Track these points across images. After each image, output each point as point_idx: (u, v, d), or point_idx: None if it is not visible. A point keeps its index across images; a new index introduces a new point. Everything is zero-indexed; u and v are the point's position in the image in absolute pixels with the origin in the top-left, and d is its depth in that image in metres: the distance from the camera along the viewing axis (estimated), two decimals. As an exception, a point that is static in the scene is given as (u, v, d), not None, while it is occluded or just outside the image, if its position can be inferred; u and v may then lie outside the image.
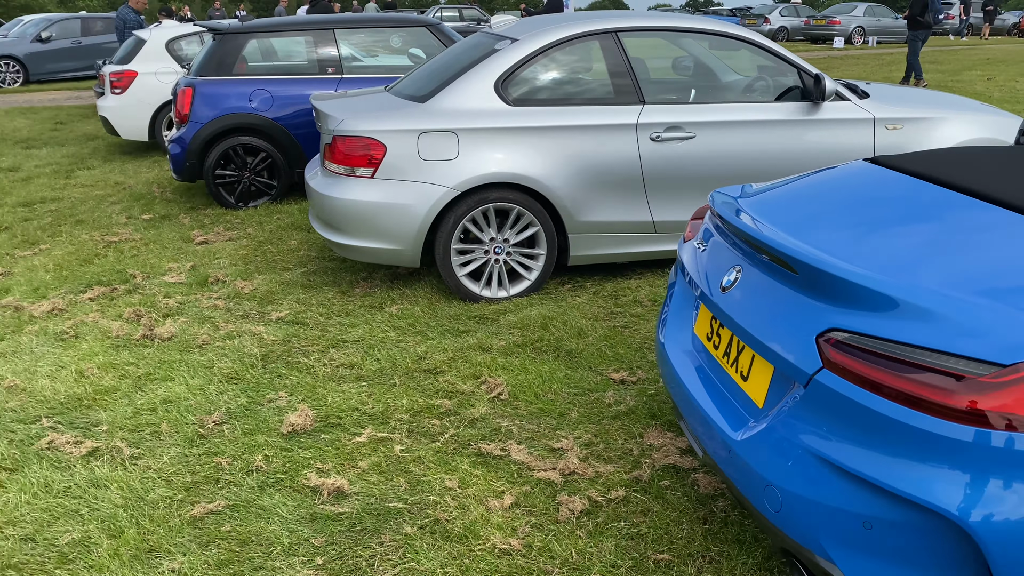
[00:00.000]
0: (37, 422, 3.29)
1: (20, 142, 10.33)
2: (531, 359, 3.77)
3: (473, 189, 4.36)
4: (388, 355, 3.87)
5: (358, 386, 3.57)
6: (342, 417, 3.30)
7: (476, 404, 3.38)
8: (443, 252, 4.42)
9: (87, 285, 4.96)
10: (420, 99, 4.53)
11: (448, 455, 3.01)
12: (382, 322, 4.28)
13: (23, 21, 19.98)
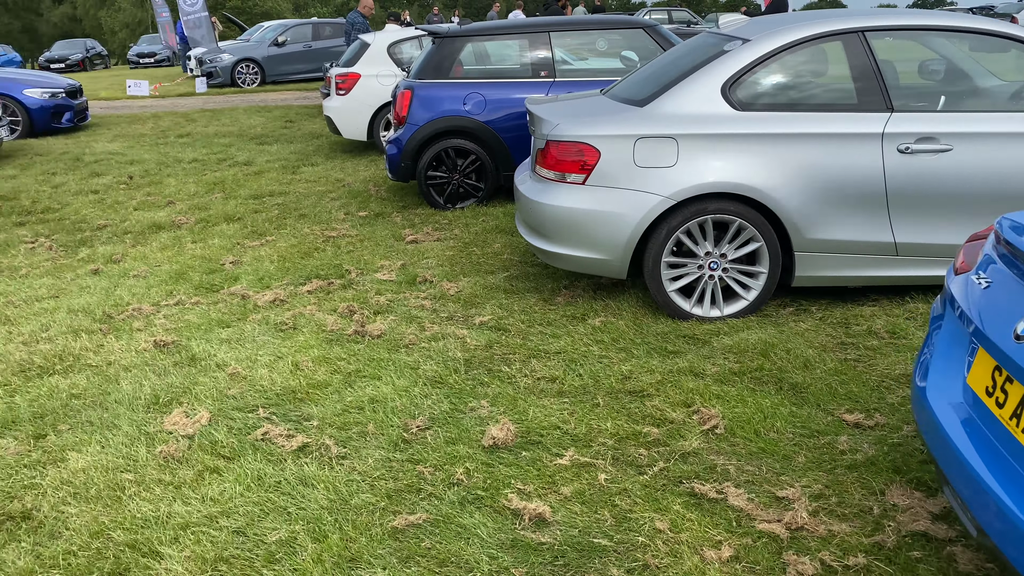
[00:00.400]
0: (254, 412, 3.40)
1: (255, 138, 11.19)
2: (749, 390, 3.44)
3: (691, 199, 4.08)
4: (591, 371, 3.68)
5: (559, 402, 3.41)
6: (543, 435, 3.15)
7: (687, 436, 3.11)
8: (653, 265, 4.17)
9: (306, 278, 5.18)
10: (638, 103, 4.31)
11: (657, 491, 2.77)
12: (584, 335, 4.10)
13: (263, 27, 21.85)
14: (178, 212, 7.10)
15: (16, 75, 12.54)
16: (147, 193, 7.99)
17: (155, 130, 12.45)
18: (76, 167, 9.48)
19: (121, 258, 5.76)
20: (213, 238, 6.21)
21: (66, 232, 6.60)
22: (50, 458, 3.07)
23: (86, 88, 20.09)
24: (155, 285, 5.12)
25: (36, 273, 5.48)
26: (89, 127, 13.08)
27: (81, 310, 4.69)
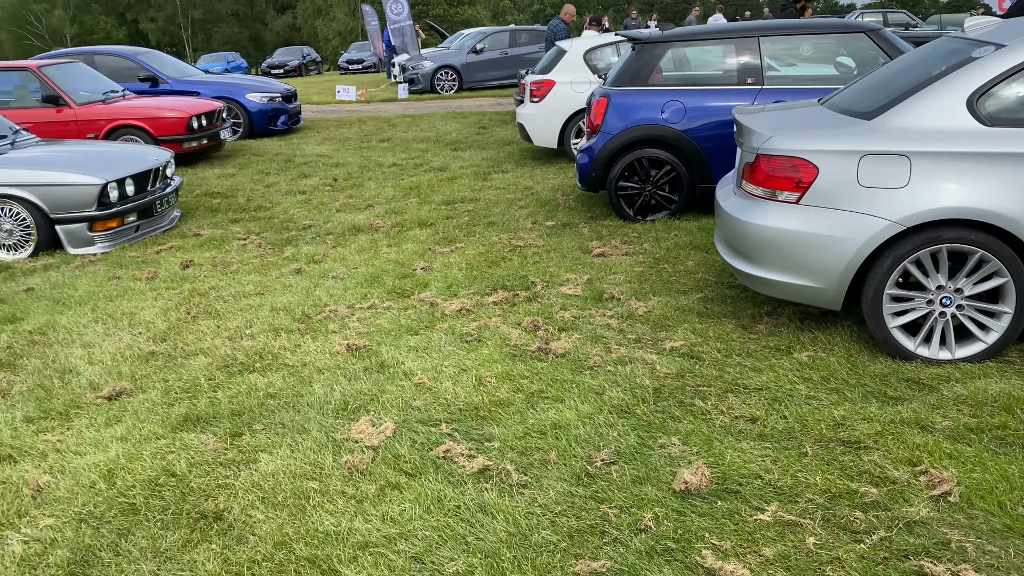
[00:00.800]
0: (437, 426, 3.34)
1: (450, 144, 11.45)
2: (991, 451, 2.95)
3: (923, 225, 3.60)
4: (797, 413, 3.32)
5: (761, 447, 3.08)
6: (742, 484, 2.85)
7: (914, 501, 2.69)
8: (873, 296, 3.72)
9: (492, 288, 5.12)
10: (865, 115, 3.86)
11: (877, 565, 2.40)
12: (790, 370, 3.72)
13: (463, 35, 22.51)
14: (376, 215, 7.33)
15: (240, 81, 13.63)
16: (349, 195, 8.33)
17: (359, 134, 13.08)
18: (287, 168, 10.10)
19: (322, 259, 5.99)
20: (407, 243, 6.33)
21: (274, 231, 6.99)
22: (244, 458, 3.16)
23: (300, 93, 21.59)
24: (351, 287, 5.26)
25: (245, 269, 5.81)
26: (301, 130, 13.97)
27: (283, 309, 4.88)
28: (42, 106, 9.91)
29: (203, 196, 8.60)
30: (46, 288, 5.52)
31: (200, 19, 70.30)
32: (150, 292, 5.34)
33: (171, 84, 12.64)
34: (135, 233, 6.89)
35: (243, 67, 39.40)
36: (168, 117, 10.12)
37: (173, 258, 6.18)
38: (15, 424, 3.49)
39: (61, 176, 6.36)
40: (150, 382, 3.90)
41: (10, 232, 6.43)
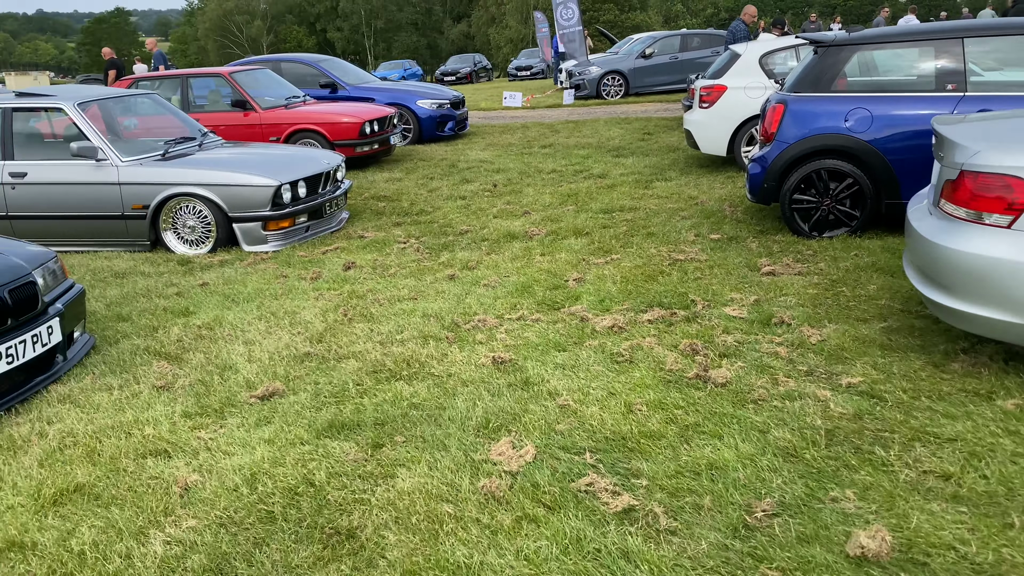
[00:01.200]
0: (581, 455, 3.13)
1: (612, 150, 11.21)
2: None
3: None
4: (1001, 473, 2.84)
5: (955, 511, 2.65)
6: (931, 555, 2.44)
7: None
8: (1103, 341, 3.15)
9: (648, 304, 4.85)
10: (1101, 127, 3.29)
11: None
12: (991, 420, 3.22)
13: (632, 40, 22.16)
14: (532, 223, 7.22)
15: (412, 87, 14.03)
16: (507, 202, 8.29)
17: (522, 140, 13.09)
18: (450, 173, 10.22)
19: (476, 265, 5.93)
20: (561, 252, 6.16)
21: (433, 235, 7.03)
22: (382, 472, 3.08)
23: (469, 99, 22.05)
24: (502, 297, 5.15)
25: (402, 273, 5.85)
26: (467, 135, 14.18)
27: (434, 315, 4.84)
28: (231, 110, 10.57)
29: (371, 199, 8.84)
30: (219, 284, 5.79)
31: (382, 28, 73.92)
32: (312, 292, 5.47)
33: (349, 90, 13.18)
34: (305, 233, 7.14)
35: (418, 74, 40.91)
36: (343, 122, 10.52)
37: (337, 259, 6.34)
38: (174, 419, 3.61)
39: (239, 177, 6.68)
40: (302, 384, 3.94)
41: (193, 228, 6.83)
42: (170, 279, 6.00)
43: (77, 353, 4.37)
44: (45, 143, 7.06)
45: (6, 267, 3.95)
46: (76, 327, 4.44)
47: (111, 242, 6.98)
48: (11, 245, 4.31)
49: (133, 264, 6.46)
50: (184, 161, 6.96)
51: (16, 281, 3.90)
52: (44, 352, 3.97)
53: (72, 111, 6.87)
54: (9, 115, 6.98)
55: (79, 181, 6.80)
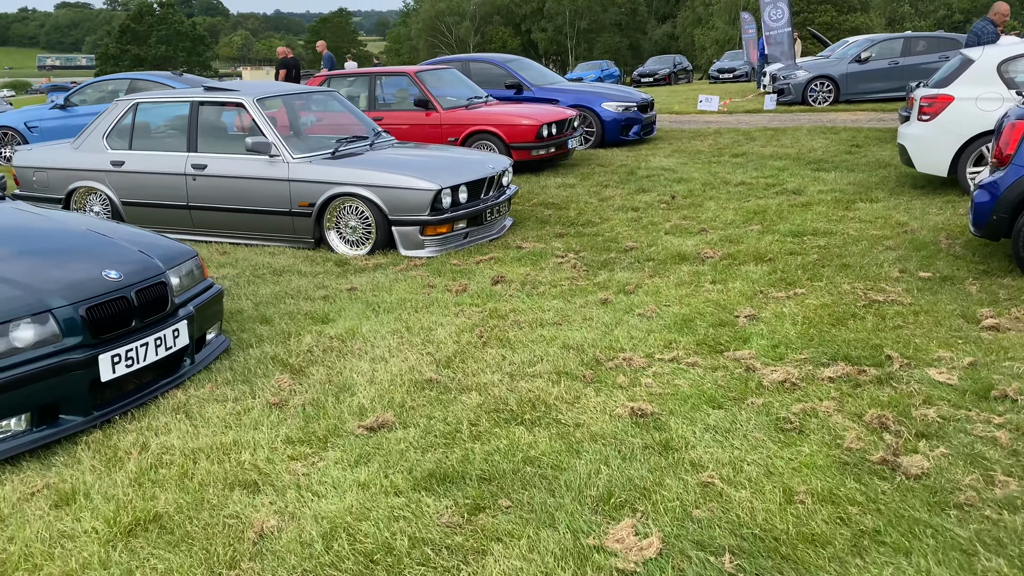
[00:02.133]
0: (718, 557, 2.51)
1: (811, 163, 10.13)
2: None
3: None
4: None
5: None
6: None
7: None
8: None
9: (831, 357, 4.06)
10: None
11: None
12: None
13: (847, 43, 20.38)
14: (707, 242, 6.51)
15: (599, 89, 13.52)
16: (683, 216, 7.59)
17: (712, 147, 12.23)
18: (627, 181, 9.63)
19: (634, 289, 5.34)
20: (735, 280, 5.44)
21: (595, 250, 6.50)
22: (474, 546, 2.62)
23: (663, 102, 21.23)
24: (656, 330, 4.55)
25: (551, 293, 5.37)
26: (653, 140, 13.49)
27: (575, 347, 4.32)
28: (414, 109, 10.58)
29: (538, 206, 8.45)
30: (366, 289, 5.60)
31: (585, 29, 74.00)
32: (454, 307, 5.13)
33: (534, 91, 12.90)
34: (463, 240, 6.86)
35: (615, 75, 40.36)
36: (521, 124, 10.22)
37: (488, 271, 5.97)
38: (275, 443, 3.35)
39: (401, 179, 6.49)
40: (415, 416, 3.57)
41: (354, 229, 6.74)
42: (322, 280, 5.89)
43: (208, 356, 4.27)
44: (226, 137, 7.24)
45: (140, 266, 3.88)
46: (210, 329, 4.35)
47: (278, 238, 7.04)
48: (155, 243, 4.27)
49: (293, 262, 6.45)
50: (351, 160, 6.88)
51: (146, 281, 3.81)
52: (167, 356, 3.87)
53: (251, 107, 6.99)
54: (196, 108, 7.23)
55: (252, 176, 6.90)
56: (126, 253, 3.96)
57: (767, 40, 21.54)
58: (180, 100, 7.35)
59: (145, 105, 7.57)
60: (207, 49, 77.41)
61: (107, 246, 3.99)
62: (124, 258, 3.90)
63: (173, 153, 7.25)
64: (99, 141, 7.57)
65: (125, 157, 7.41)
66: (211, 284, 4.42)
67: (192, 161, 7.12)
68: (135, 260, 3.91)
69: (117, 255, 3.92)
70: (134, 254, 3.97)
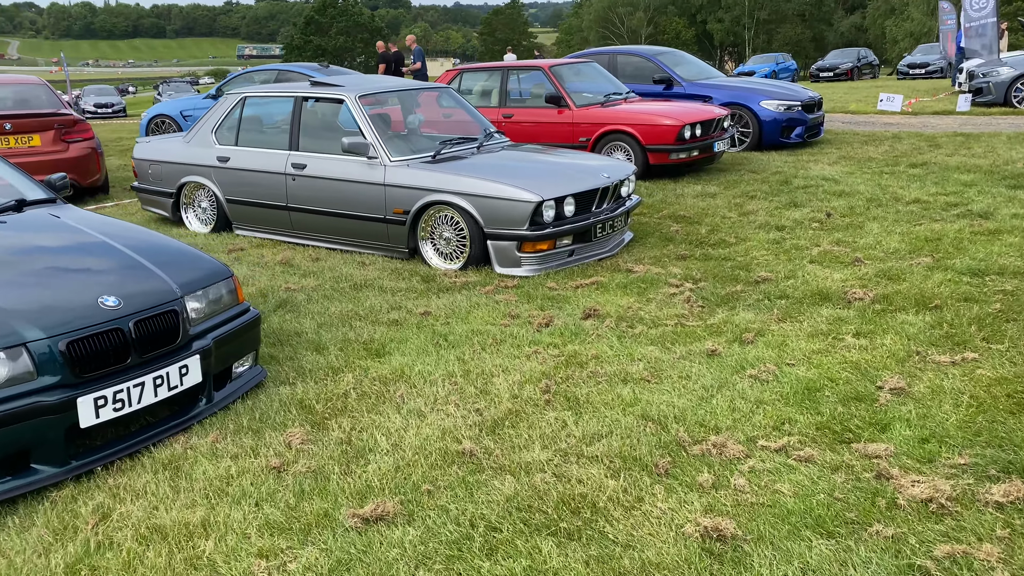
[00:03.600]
0: None
1: (1008, 179, 8.49)
2: None
3: None
4: None
5: None
6: None
7: None
8: None
9: (1004, 466, 2.96)
10: None
11: None
12: None
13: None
14: (859, 278, 5.36)
15: (759, 86, 12.19)
16: (836, 240, 6.41)
17: (887, 154, 10.68)
18: (778, 192, 8.43)
19: (753, 339, 4.36)
20: (886, 333, 4.33)
21: (718, 280, 5.51)
22: None
23: (838, 99, 19.31)
24: (768, 402, 3.58)
25: (648, 336, 4.48)
26: (818, 144, 12.04)
27: (656, 419, 3.45)
28: (545, 106, 9.85)
29: (666, 218, 7.49)
30: (440, 314, 4.95)
31: (765, 20, 70.33)
32: (529, 346, 4.36)
33: (684, 87, 11.84)
34: (568, 258, 6.06)
35: (792, 69, 37.75)
36: (661, 124, 9.24)
37: (584, 300, 5.16)
38: (249, 530, 2.74)
39: (499, 188, 5.79)
40: (424, 508, 2.85)
41: (448, 240, 6.12)
42: (400, 300, 5.30)
43: (234, 392, 3.76)
44: (328, 135, 6.82)
45: (149, 292, 3.40)
46: (240, 361, 3.83)
47: (373, 246, 6.54)
48: (183, 262, 3.78)
49: (378, 275, 5.90)
50: (451, 165, 6.25)
51: (152, 310, 3.32)
52: (173, 396, 3.37)
53: (352, 104, 6.52)
54: (299, 104, 6.86)
55: (349, 178, 6.43)
56: (138, 275, 3.49)
57: (965, 32, 19.09)
58: (285, 95, 7.01)
59: (253, 99, 7.30)
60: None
61: (119, 266, 3.54)
62: (133, 281, 3.43)
63: (275, 151, 6.92)
64: (208, 135, 7.38)
65: (231, 153, 7.17)
66: (246, 308, 3.91)
67: (292, 160, 6.75)
68: (145, 284, 3.43)
69: (126, 277, 3.45)
70: (147, 276, 3.50)
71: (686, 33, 73.66)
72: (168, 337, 3.38)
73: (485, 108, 10.24)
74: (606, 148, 9.53)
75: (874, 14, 63.86)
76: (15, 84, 9.57)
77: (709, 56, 72.88)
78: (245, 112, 7.25)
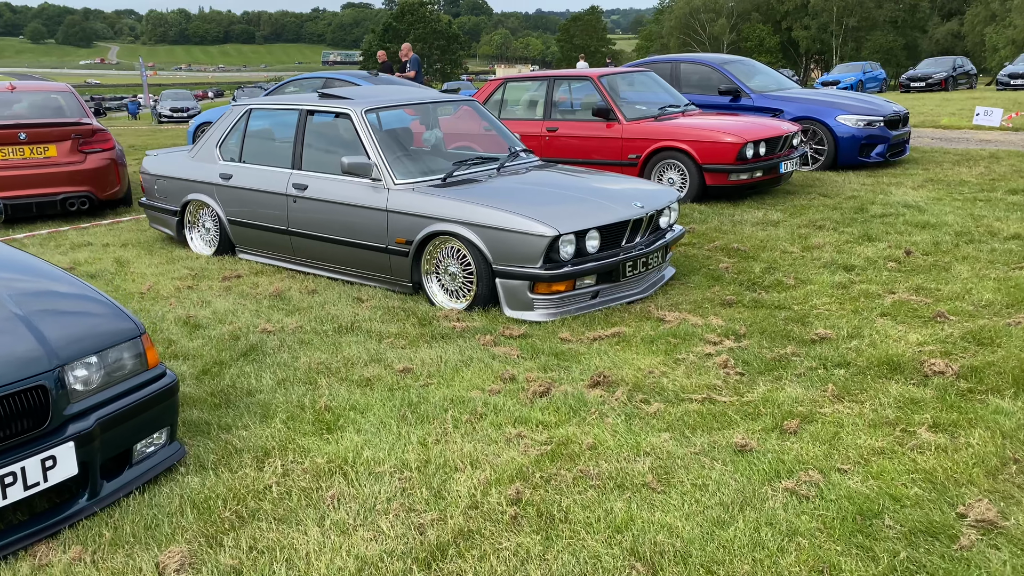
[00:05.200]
0: None
1: None
2: None
3: None
4: None
5: None
6: None
7: None
8: None
9: None
10: None
11: None
12: None
13: None
14: (941, 340, 4.34)
15: (837, 99, 11.01)
16: (915, 287, 5.37)
17: (982, 178, 9.43)
18: (850, 222, 7.36)
19: (798, 427, 3.42)
20: (972, 428, 3.34)
21: (767, 337, 4.57)
22: None
23: (929, 112, 17.79)
24: (806, 533, 2.66)
25: (665, 418, 3.58)
26: (902, 163, 10.82)
27: (650, 559, 2.57)
28: (593, 119, 8.99)
29: (717, 251, 6.54)
30: (422, 372, 4.17)
31: (854, 27, 67.56)
32: (513, 427, 3.54)
33: (753, 99, 10.81)
34: (590, 301, 5.21)
35: (880, 78, 35.75)
36: (720, 142, 8.26)
37: (598, 358, 4.30)
38: None
39: (508, 219, 4.99)
40: None
41: (454, 276, 5.34)
42: (384, 350, 4.54)
43: (131, 482, 3.05)
44: (333, 153, 6.13)
45: (8, 360, 2.71)
46: (144, 441, 3.13)
47: (376, 278, 5.82)
48: (80, 313, 3.10)
49: (371, 315, 5.17)
50: (461, 190, 5.48)
51: (8, 387, 2.63)
52: (28, 498, 2.67)
53: (358, 119, 5.81)
54: (304, 118, 6.19)
55: (350, 202, 5.73)
56: (4, 338, 2.81)
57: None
58: (290, 108, 6.36)
59: (258, 112, 6.68)
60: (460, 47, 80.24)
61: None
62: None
63: (277, 169, 6.28)
64: (212, 150, 6.80)
65: (234, 170, 6.56)
66: (160, 374, 3.19)
67: (294, 180, 6.09)
68: (7, 351, 2.74)
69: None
70: (15, 340, 2.81)
71: (770, 40, 71.37)
72: (32, 420, 2.69)
73: (529, 122, 9.46)
74: (658, 167, 8.62)
75: (972, 20, 60.57)
76: (38, 91, 9.24)
77: (795, 65, 70.44)
78: (250, 126, 6.64)
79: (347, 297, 5.57)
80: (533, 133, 9.30)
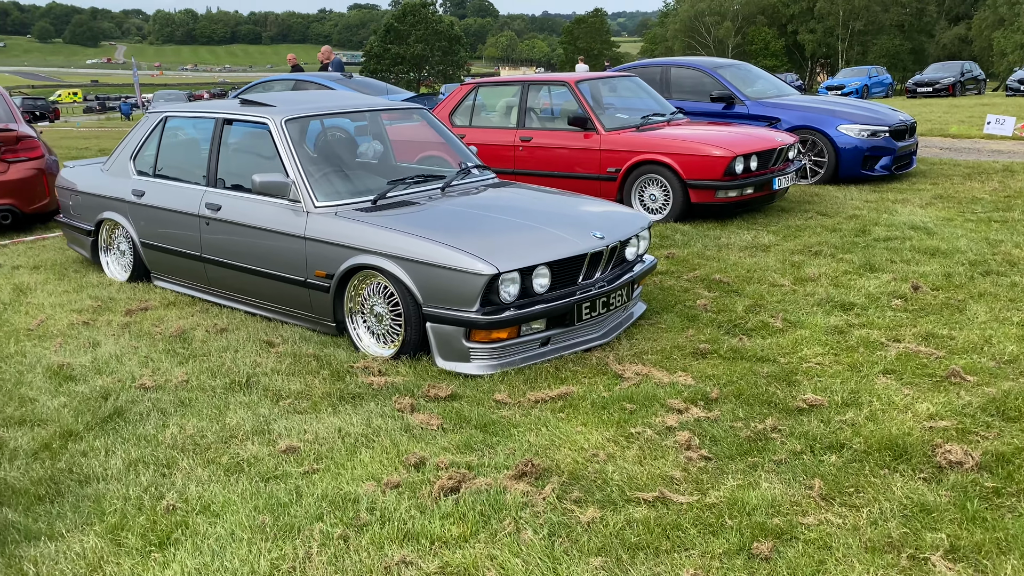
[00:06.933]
0: None
1: None
2: None
3: None
4: None
5: None
6: None
7: None
8: None
9: None
10: None
11: None
12: None
13: None
14: (956, 412, 3.51)
15: (839, 107, 10.14)
16: (925, 333, 4.54)
17: (997, 194, 8.59)
18: (850, 247, 6.52)
19: (771, 551, 2.59)
20: (1002, 556, 2.51)
21: (746, 402, 3.74)
22: None
23: (937, 120, 16.94)
24: None
25: (601, 533, 2.75)
26: (908, 177, 9.98)
27: None
28: (569, 129, 8.16)
29: (696, 282, 5.72)
30: (309, 454, 3.35)
31: (860, 31, 66.65)
32: (398, 548, 2.71)
33: (748, 107, 9.98)
34: (540, 349, 4.38)
35: (886, 83, 34.90)
36: (707, 155, 7.43)
37: (533, 432, 3.47)
38: None
39: (440, 252, 4.17)
40: None
41: (380, 318, 4.53)
42: (274, 417, 3.73)
43: None
44: (250, 169, 5.32)
45: None
46: None
47: (296, 315, 5.01)
48: None
49: (272, 367, 4.35)
50: (391, 216, 4.67)
51: None
52: None
53: (276, 129, 5.00)
54: (220, 128, 5.38)
55: (265, 226, 4.92)
56: None
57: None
58: (206, 115, 5.54)
59: (175, 120, 5.87)
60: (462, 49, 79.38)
61: None
62: None
63: (189, 185, 5.48)
64: (127, 163, 6.00)
65: (147, 186, 5.76)
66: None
67: (208, 199, 5.29)
68: None
69: None
70: None
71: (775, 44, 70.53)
72: None
73: (502, 130, 8.64)
74: (639, 182, 7.79)
75: (980, 24, 59.60)
76: (-41, 94, 8.45)
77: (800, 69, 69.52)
78: (165, 136, 5.83)
79: (256, 340, 4.76)
80: (506, 143, 8.49)
